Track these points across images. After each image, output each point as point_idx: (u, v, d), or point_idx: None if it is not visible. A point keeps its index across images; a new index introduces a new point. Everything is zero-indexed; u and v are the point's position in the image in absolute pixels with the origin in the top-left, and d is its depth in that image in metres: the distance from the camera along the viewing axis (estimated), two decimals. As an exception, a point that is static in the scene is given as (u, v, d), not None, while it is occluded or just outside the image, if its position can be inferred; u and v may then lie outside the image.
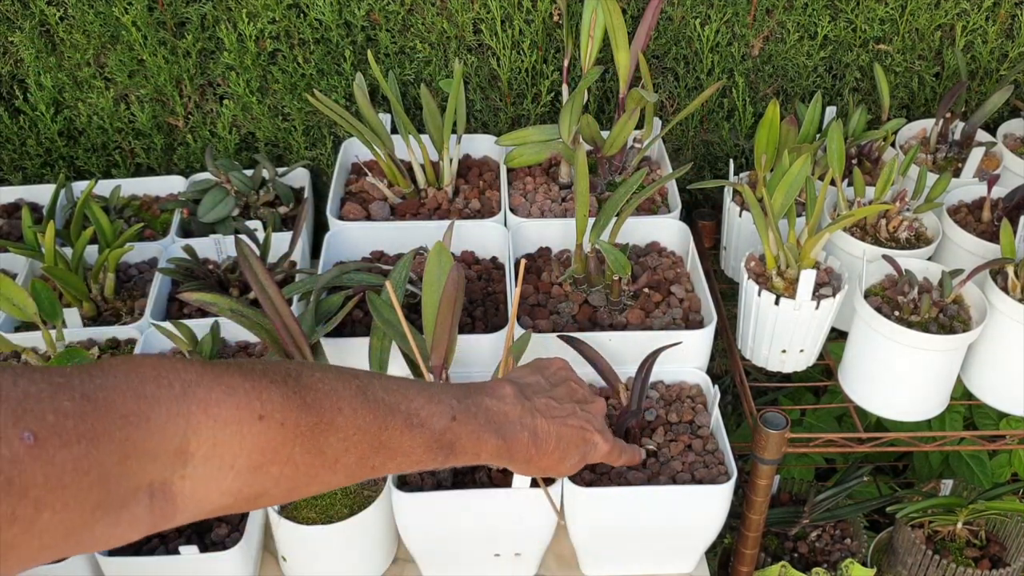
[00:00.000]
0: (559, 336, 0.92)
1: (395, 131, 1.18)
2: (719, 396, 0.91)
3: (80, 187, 1.23)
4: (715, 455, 0.89)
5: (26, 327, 1.03)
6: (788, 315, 0.95)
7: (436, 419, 0.60)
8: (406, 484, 0.85)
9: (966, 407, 1.39)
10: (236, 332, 1.03)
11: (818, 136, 1.10)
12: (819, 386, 1.47)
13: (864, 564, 1.29)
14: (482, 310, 1.02)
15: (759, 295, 0.95)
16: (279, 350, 0.86)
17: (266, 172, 1.21)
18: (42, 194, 1.25)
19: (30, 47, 1.22)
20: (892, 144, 1.18)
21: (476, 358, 0.94)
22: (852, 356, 0.98)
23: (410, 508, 0.83)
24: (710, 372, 0.98)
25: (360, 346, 0.90)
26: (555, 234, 1.11)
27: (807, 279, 0.91)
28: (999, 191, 1.07)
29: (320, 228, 1.18)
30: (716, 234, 1.23)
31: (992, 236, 1.03)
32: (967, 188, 1.11)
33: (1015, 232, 0.94)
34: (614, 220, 0.98)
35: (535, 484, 0.83)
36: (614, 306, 1.01)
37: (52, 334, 0.96)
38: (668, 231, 1.12)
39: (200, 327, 0.97)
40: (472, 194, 1.17)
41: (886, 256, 0.96)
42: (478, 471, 0.86)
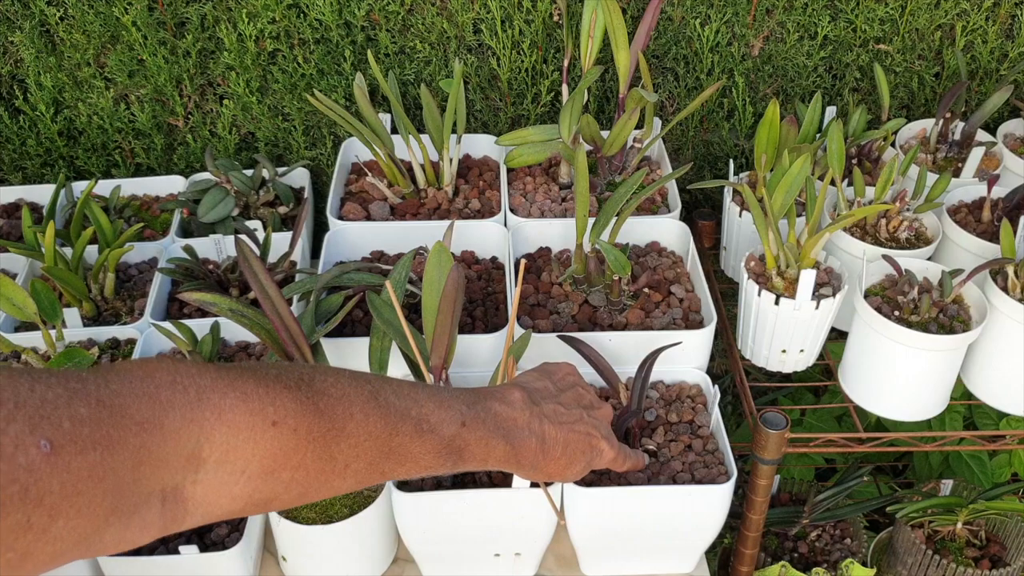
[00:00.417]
0: (559, 336, 0.92)
1: (395, 131, 1.18)
2: (719, 396, 0.91)
3: (80, 187, 1.23)
4: (715, 455, 0.89)
5: (26, 327, 1.03)
6: (788, 315, 0.95)
7: (446, 425, 0.60)
8: (406, 484, 0.85)
9: (966, 407, 1.39)
10: (236, 332, 1.03)
11: (818, 136, 1.10)
12: (819, 386, 1.47)
13: (864, 564, 1.29)
14: (482, 310, 1.02)
15: (759, 295, 0.95)
16: (279, 350, 0.86)
17: (266, 172, 1.21)
18: (42, 194, 1.25)
19: (30, 47, 1.22)
20: (892, 144, 1.18)
21: (476, 358, 0.94)
22: (852, 356, 0.98)
23: (410, 508, 0.83)
24: (710, 372, 0.98)
25: (360, 346, 0.90)
26: (555, 234, 1.11)
27: (807, 279, 0.91)
28: (999, 191, 1.07)
29: (320, 228, 1.18)
30: (716, 234, 1.23)
31: (992, 236, 1.03)
32: (967, 188, 1.11)
33: (1015, 232, 0.94)
34: (614, 220, 0.98)
35: (535, 484, 0.83)
36: (614, 306, 1.01)
37: (52, 334, 0.96)
38: (668, 231, 1.12)
39: (200, 327, 0.97)
40: (472, 194, 1.17)
41: (886, 256, 0.96)
42: (478, 471, 0.86)
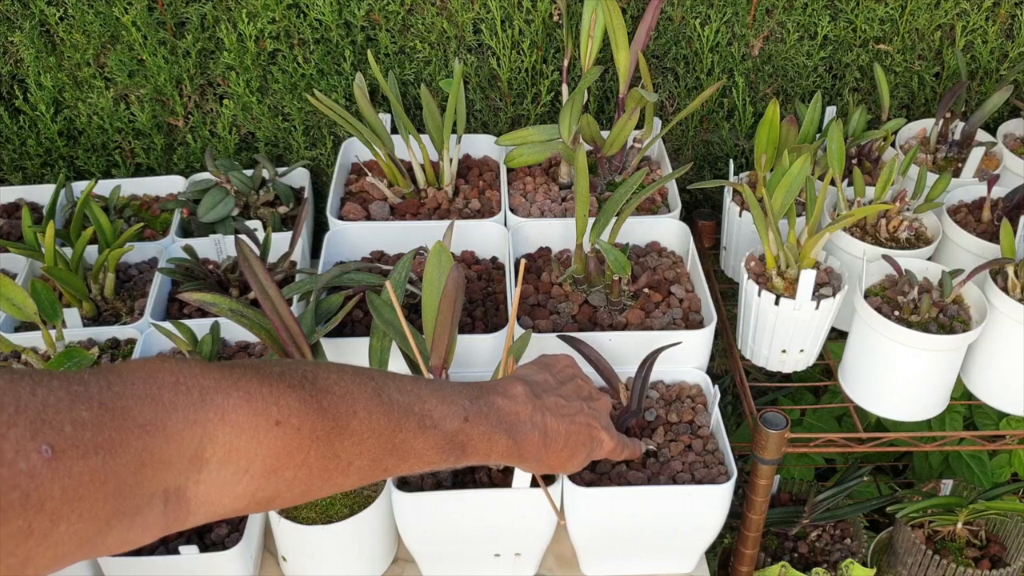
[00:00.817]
0: (559, 336, 0.92)
1: (395, 131, 1.18)
2: (719, 396, 0.91)
3: (80, 187, 1.23)
4: (715, 455, 0.89)
5: (26, 327, 1.03)
6: (788, 315, 0.95)
7: (449, 420, 0.60)
8: (406, 484, 0.85)
9: (966, 407, 1.39)
10: (236, 332, 1.03)
11: (818, 136, 1.10)
12: (819, 386, 1.47)
13: (864, 564, 1.29)
14: (482, 310, 1.02)
15: (759, 295, 0.95)
16: (279, 350, 0.86)
17: (266, 172, 1.21)
18: (42, 194, 1.25)
19: (30, 47, 1.22)
20: (892, 144, 1.18)
21: (476, 358, 0.94)
22: (852, 356, 0.98)
23: (410, 508, 0.83)
24: (710, 372, 0.98)
25: (360, 346, 0.90)
26: (555, 234, 1.11)
27: (807, 279, 0.91)
28: (999, 191, 1.07)
29: (320, 228, 1.18)
30: (716, 234, 1.23)
31: (992, 236, 1.03)
32: (967, 188, 1.11)
33: (1015, 232, 0.94)
34: (614, 220, 0.98)
35: (535, 484, 0.83)
36: (614, 306, 1.01)
37: (52, 334, 0.96)
38: (668, 231, 1.12)
39: (200, 327, 0.97)
40: (472, 194, 1.17)
41: (886, 256, 0.96)
42: (478, 471, 0.86)
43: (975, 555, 1.27)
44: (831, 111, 1.18)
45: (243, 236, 1.00)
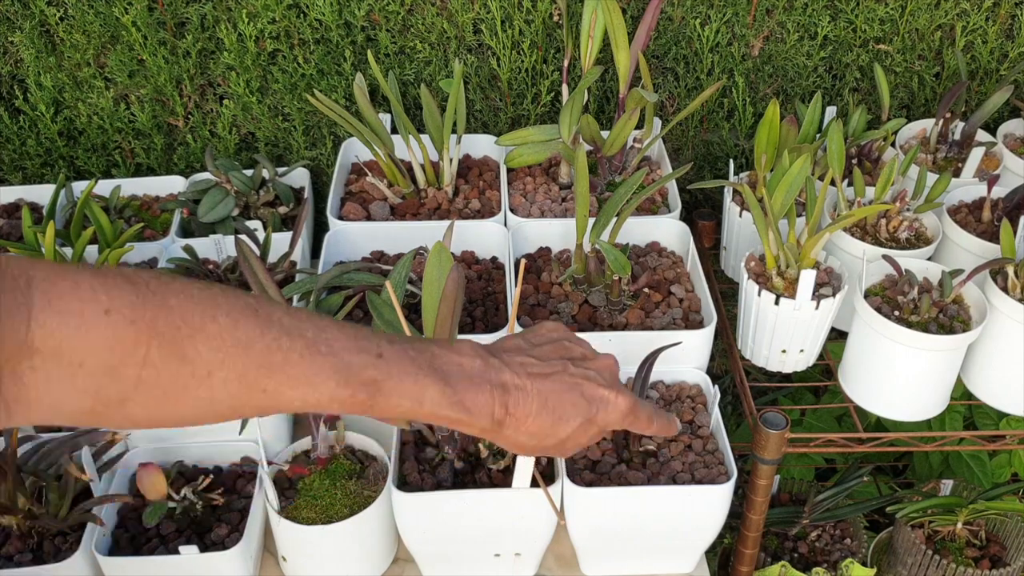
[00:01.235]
0: (559, 336, 0.92)
1: (395, 131, 1.18)
2: (719, 396, 0.91)
3: (80, 187, 1.23)
4: (715, 455, 0.89)
5: (26, 327, 1.03)
6: (788, 315, 0.95)
7: (353, 353, 0.54)
8: (406, 484, 0.85)
9: (966, 407, 1.39)
10: (236, 332, 1.02)
11: (818, 136, 1.10)
12: (819, 386, 1.47)
13: (864, 564, 1.29)
14: (482, 310, 1.02)
15: (759, 295, 0.95)
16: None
17: (266, 172, 1.21)
18: (42, 194, 1.25)
19: (30, 47, 1.22)
20: (892, 144, 1.18)
21: (476, 358, 0.94)
22: (852, 356, 0.98)
23: (410, 508, 0.83)
24: (710, 372, 0.98)
25: (360, 346, 0.90)
26: (555, 234, 1.11)
27: (807, 279, 0.91)
28: (999, 191, 1.07)
29: (320, 228, 1.18)
30: (716, 234, 1.23)
31: (992, 236, 1.03)
32: (967, 188, 1.11)
33: (1015, 232, 0.94)
34: (614, 220, 0.99)
35: (535, 484, 0.83)
36: (614, 306, 1.01)
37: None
38: (668, 231, 1.12)
39: (200, 327, 0.96)
40: (472, 194, 1.17)
41: (886, 256, 0.96)
42: (478, 471, 0.86)
43: (975, 555, 1.27)
44: (831, 111, 1.18)
45: (243, 236, 1.00)
